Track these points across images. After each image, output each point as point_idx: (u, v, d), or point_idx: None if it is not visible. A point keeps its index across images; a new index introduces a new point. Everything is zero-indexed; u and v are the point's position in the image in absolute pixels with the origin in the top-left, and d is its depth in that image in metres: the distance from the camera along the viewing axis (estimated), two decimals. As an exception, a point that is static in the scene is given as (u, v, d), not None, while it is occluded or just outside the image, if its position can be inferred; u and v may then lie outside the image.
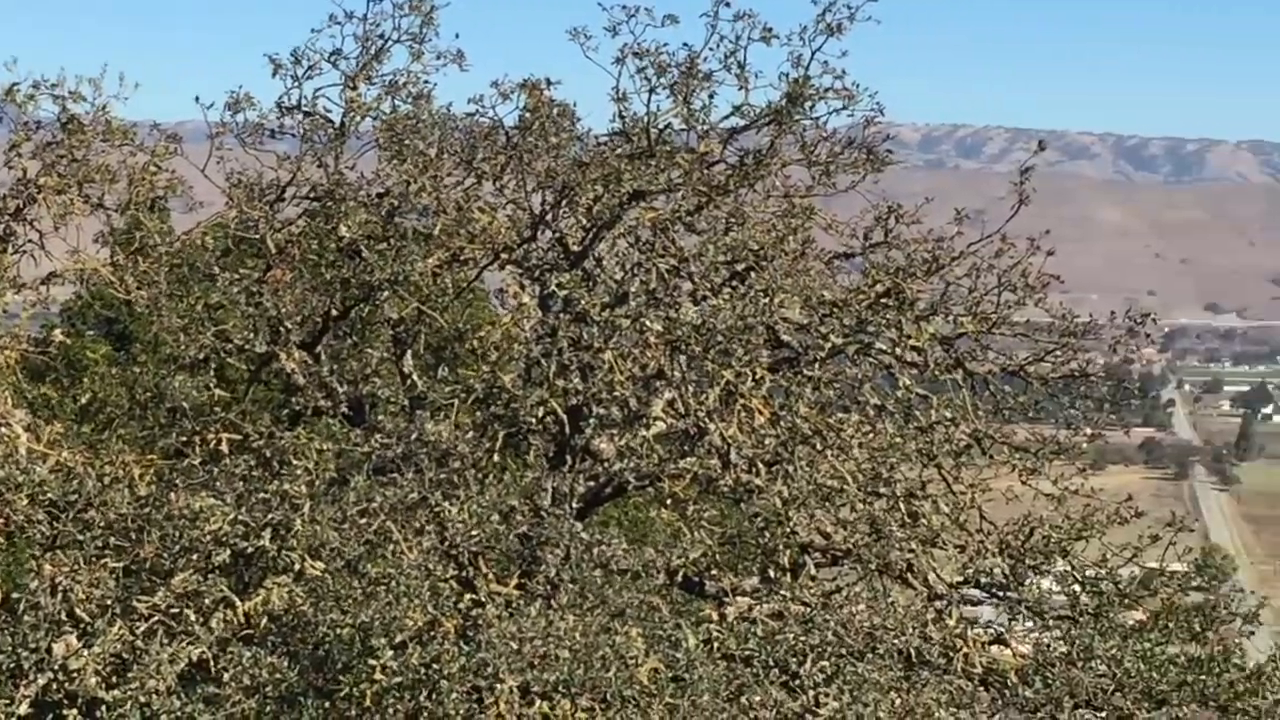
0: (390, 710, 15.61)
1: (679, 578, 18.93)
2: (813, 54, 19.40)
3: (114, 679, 15.91)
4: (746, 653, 17.50)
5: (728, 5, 19.44)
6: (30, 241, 19.60)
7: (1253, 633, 20.81)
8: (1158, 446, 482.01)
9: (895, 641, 17.58)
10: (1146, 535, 20.40)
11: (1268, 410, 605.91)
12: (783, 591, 18.37)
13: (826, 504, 18.78)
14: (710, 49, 19.58)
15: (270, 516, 16.55)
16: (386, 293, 20.69)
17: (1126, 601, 20.11)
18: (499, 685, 15.44)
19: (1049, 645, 19.16)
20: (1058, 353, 20.16)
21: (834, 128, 20.42)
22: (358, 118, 21.44)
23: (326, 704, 16.02)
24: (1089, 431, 20.27)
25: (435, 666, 15.55)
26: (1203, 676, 19.19)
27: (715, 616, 18.40)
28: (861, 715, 16.58)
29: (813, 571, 18.77)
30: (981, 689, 18.61)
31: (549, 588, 17.44)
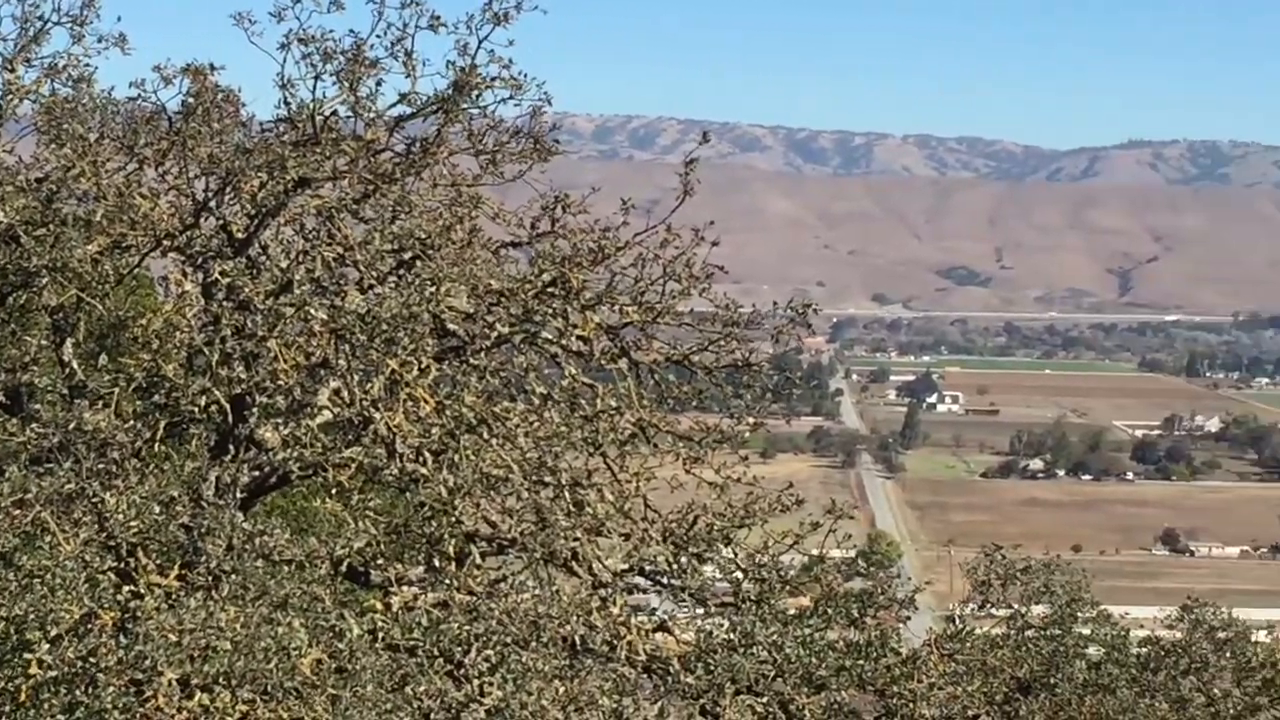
0: (46, 705, 15.27)
1: (344, 568, 18.78)
2: (480, 42, 19.38)
3: None
4: (411, 642, 17.43)
5: (395, -8, 19.32)
6: None
7: (909, 618, 21.25)
8: (826, 435, 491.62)
9: (560, 630, 17.63)
10: (808, 523, 20.69)
11: (932, 399, 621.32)
12: (448, 581, 18.32)
13: (492, 493, 18.76)
14: (377, 36, 19.47)
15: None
16: (45, 279, 20.21)
17: (789, 588, 20.39)
18: (158, 678, 15.19)
19: (711, 632, 19.36)
20: (721, 342, 20.34)
21: (503, 117, 20.41)
22: (15, 101, 20.92)
23: (-20, 700, 15.62)
24: (752, 420, 20.50)
25: (92, 660, 15.24)
26: (861, 661, 19.57)
27: (380, 606, 18.29)
28: (525, 704, 16.60)
29: (478, 560, 18.73)
30: (645, 676, 18.75)
31: (211, 579, 17.17)
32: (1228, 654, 31.55)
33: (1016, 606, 27.98)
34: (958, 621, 25.45)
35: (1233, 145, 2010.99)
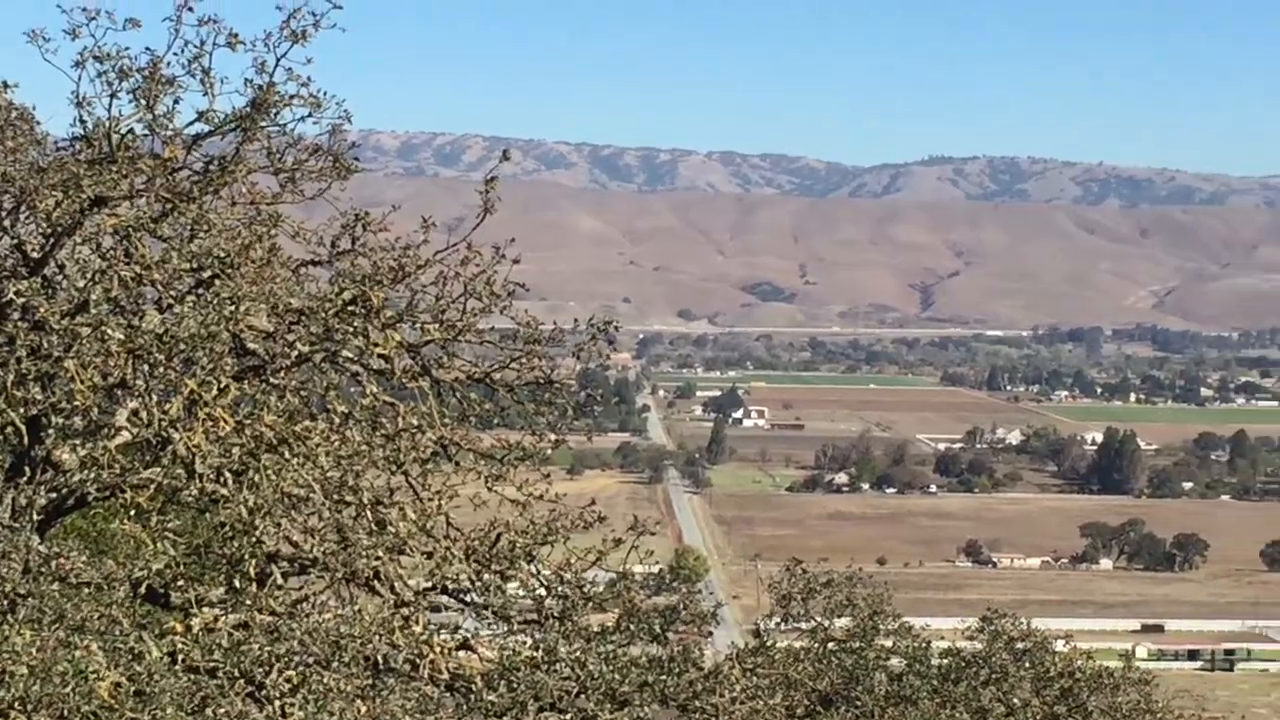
0: None
1: (143, 590, 18.58)
2: (278, 60, 19.28)
3: None
4: (212, 664, 17.26)
5: (191, 10, 19.16)
6: None
7: (711, 633, 21.41)
8: (633, 451, 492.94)
9: (362, 649, 17.55)
10: (612, 539, 20.77)
11: (738, 414, 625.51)
12: (249, 601, 18.18)
13: (293, 512, 18.64)
14: (174, 53, 19.28)
15: None
16: None
17: (592, 604, 20.45)
18: (-49, 705, 14.95)
19: (515, 649, 19.38)
20: (523, 360, 20.36)
21: (303, 135, 20.30)
22: None
23: None
24: (554, 437, 20.54)
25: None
26: (664, 676, 19.66)
27: (180, 628, 18.09)
28: (327, 724, 16.53)
29: (280, 581, 18.61)
30: (448, 694, 18.73)
31: (6, 603, 16.93)
32: (1027, 664, 32.06)
33: (819, 620, 28.29)
34: (762, 635, 25.68)
35: (1031, 161, 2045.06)
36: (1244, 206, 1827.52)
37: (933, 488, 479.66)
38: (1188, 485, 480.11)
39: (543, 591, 20.09)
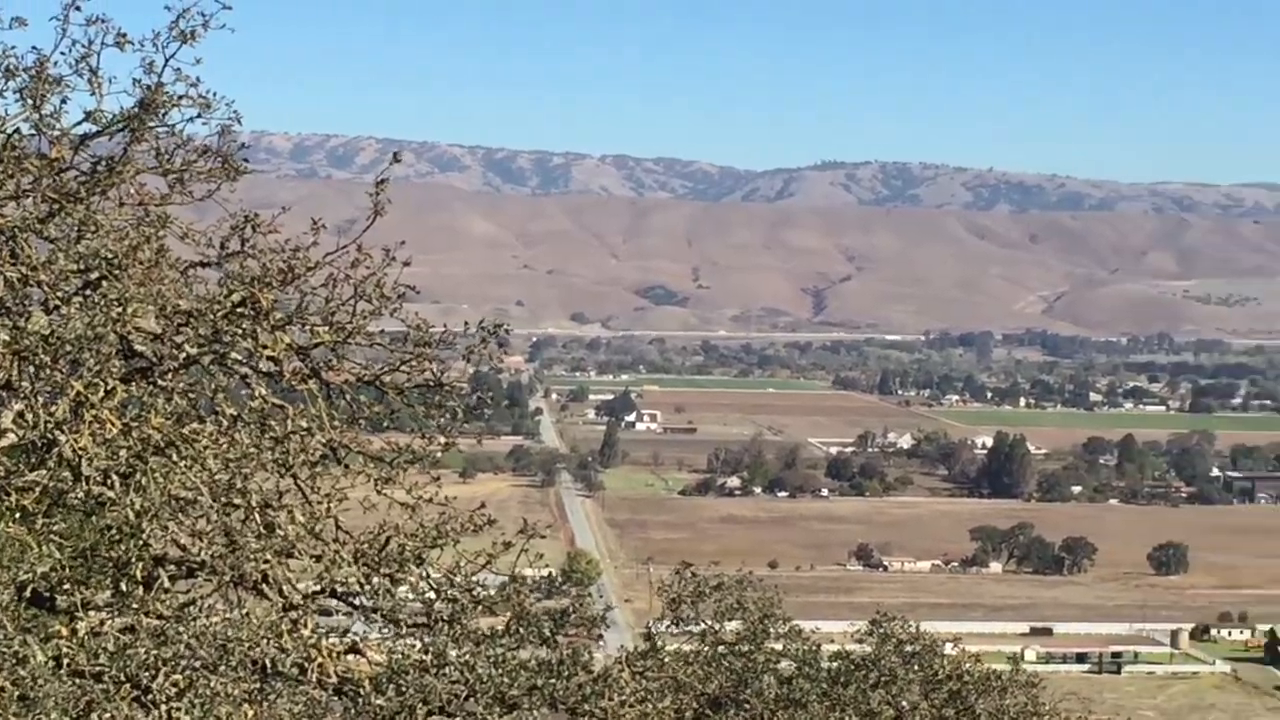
0: None
1: (27, 593, 18.40)
2: (166, 61, 19.14)
3: None
4: (98, 668, 17.13)
5: (79, 9, 19.00)
6: None
7: (601, 636, 21.42)
8: (526, 454, 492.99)
9: (249, 653, 17.46)
10: (501, 542, 20.74)
11: (631, 418, 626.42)
12: (135, 605, 18.05)
13: (181, 515, 18.51)
14: (61, 53, 19.10)
15: None
16: None
17: (482, 608, 20.42)
18: None
19: (404, 653, 19.32)
20: (413, 362, 20.29)
21: (192, 135, 20.16)
22: None
23: None
24: (444, 440, 20.48)
25: None
26: (553, 680, 19.66)
27: (65, 632, 17.94)
28: (213, 728, 16.44)
29: (166, 584, 18.48)
30: (336, 698, 18.66)
31: (-113, 608, 16.75)
32: (916, 667, 32.27)
33: (709, 623, 28.35)
34: (652, 639, 25.71)
35: (923, 167, 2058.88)
36: (1133, 213, 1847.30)
37: (824, 491, 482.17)
38: (1076, 489, 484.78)
39: (432, 595, 20.02)
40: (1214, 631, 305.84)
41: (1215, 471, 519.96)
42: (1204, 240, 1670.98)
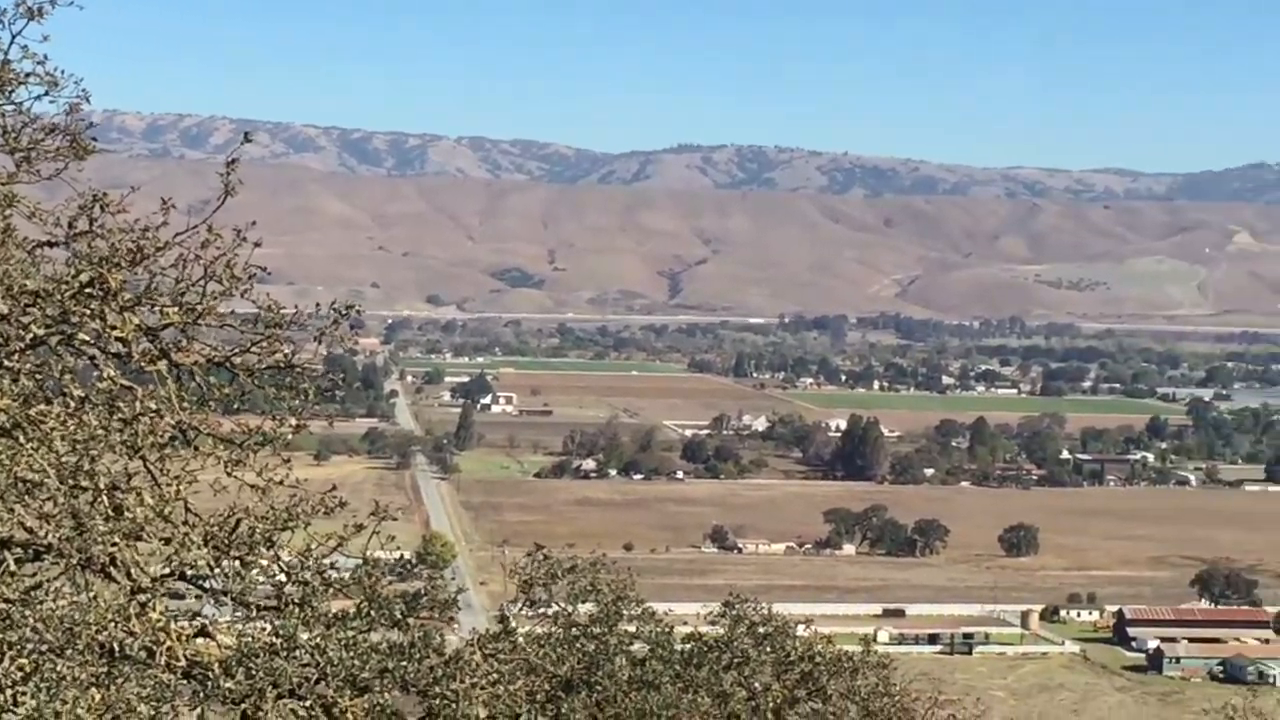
0: None
1: None
2: (13, 38, 18.90)
3: None
4: (-59, 653, 16.91)
5: (-80, -16, 18.73)
6: None
7: (453, 619, 21.40)
8: (381, 436, 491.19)
9: (97, 636, 17.28)
10: (352, 525, 20.64)
11: (486, 400, 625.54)
12: (-20, 589, 17.82)
13: (28, 498, 18.29)
14: (-99, 29, 18.81)
15: None
16: None
17: (333, 590, 20.33)
18: None
19: (254, 636, 19.19)
20: (264, 344, 20.13)
21: (40, 114, 19.92)
22: None
23: None
24: (295, 422, 20.34)
25: None
26: (404, 663, 19.62)
27: (-92, 617, 17.71)
28: (60, 713, 16.26)
29: (12, 567, 18.25)
30: (185, 681, 18.50)
31: None
32: (768, 648, 32.47)
33: (563, 605, 28.40)
34: (505, 621, 25.73)
35: (778, 150, 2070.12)
36: (985, 198, 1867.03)
37: (680, 474, 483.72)
38: (929, 471, 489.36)
39: (283, 577, 19.89)
40: (1063, 612, 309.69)
41: (1065, 454, 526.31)
42: (1055, 225, 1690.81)
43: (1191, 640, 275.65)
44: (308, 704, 18.84)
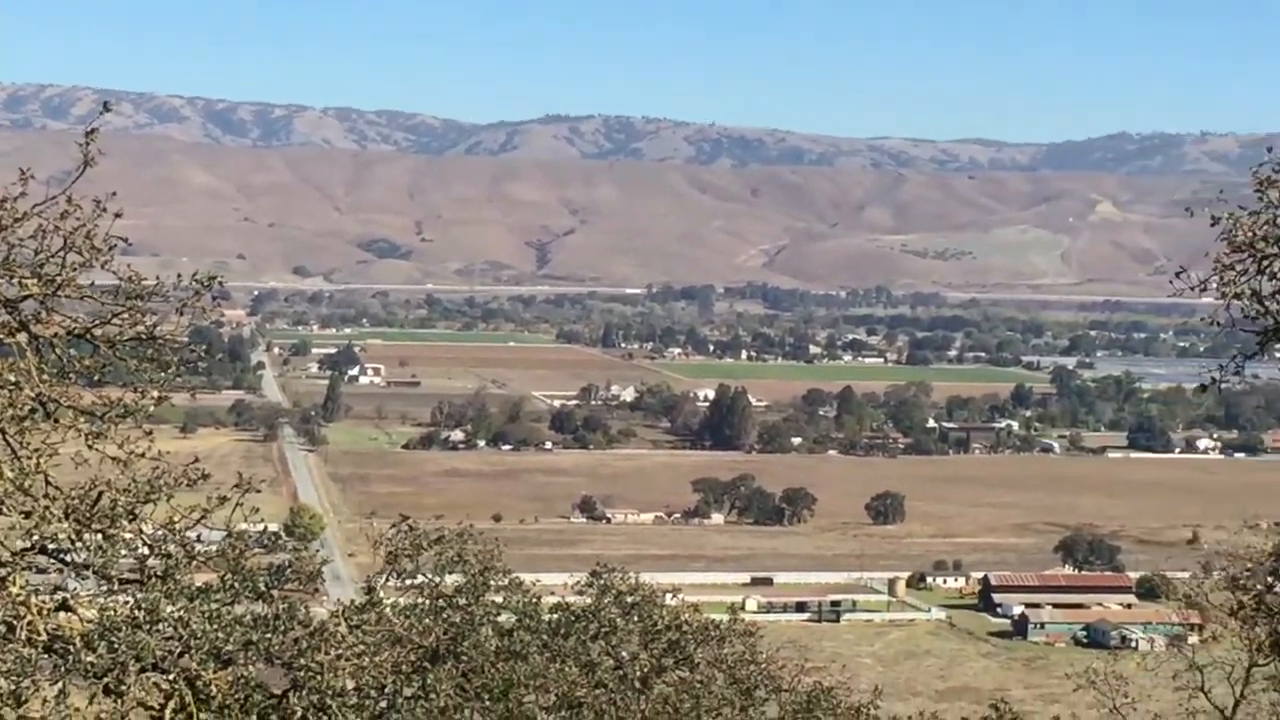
0: None
1: None
2: None
3: None
4: None
5: None
6: None
7: (318, 590, 21.34)
8: (248, 408, 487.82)
9: (-44, 612, 17.12)
10: (216, 497, 20.52)
11: (354, 372, 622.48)
12: None
13: (-116, 473, 18.09)
14: None
15: None
16: None
17: (196, 563, 20.20)
18: None
19: (115, 609, 19.06)
20: (125, 315, 19.95)
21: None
22: None
23: None
24: (156, 395, 20.18)
25: None
26: (269, 635, 19.55)
27: None
28: (-82, 689, 16.10)
29: None
30: (46, 656, 18.36)
31: None
32: (635, 618, 32.58)
33: (429, 576, 28.35)
34: (373, 592, 25.65)
35: (645, 121, 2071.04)
36: (851, 168, 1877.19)
37: (548, 444, 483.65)
38: (797, 441, 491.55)
39: (146, 550, 19.77)
40: (930, 580, 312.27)
41: (931, 422, 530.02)
42: (920, 195, 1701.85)
43: (1056, 606, 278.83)
44: (171, 677, 18.75)
